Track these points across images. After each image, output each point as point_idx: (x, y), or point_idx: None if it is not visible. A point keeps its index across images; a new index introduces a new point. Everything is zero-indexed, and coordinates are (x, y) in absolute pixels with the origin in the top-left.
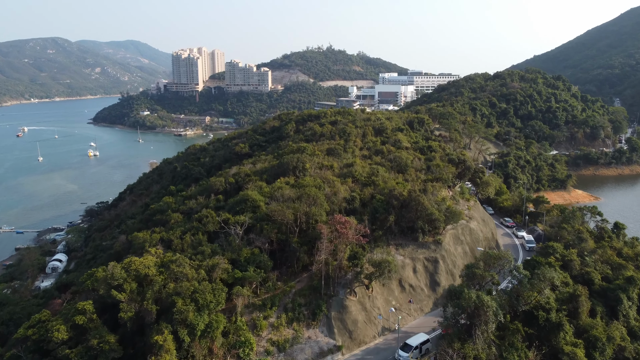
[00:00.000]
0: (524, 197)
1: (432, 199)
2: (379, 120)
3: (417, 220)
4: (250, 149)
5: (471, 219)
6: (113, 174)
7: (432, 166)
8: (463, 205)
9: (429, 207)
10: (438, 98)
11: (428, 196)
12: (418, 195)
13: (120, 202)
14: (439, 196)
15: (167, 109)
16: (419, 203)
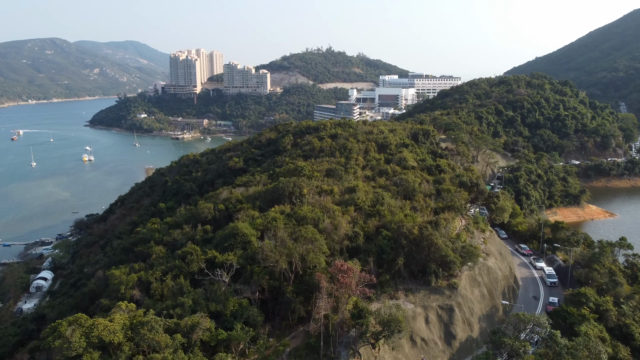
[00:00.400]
0: (542, 223)
1: (446, 234)
2: (382, 134)
3: (429, 263)
4: (245, 163)
5: (488, 255)
6: (107, 181)
7: (442, 190)
8: (478, 238)
9: (443, 247)
10: (442, 105)
11: (440, 231)
12: (430, 233)
13: (111, 215)
14: (452, 229)
15: (164, 112)
16: (431, 243)
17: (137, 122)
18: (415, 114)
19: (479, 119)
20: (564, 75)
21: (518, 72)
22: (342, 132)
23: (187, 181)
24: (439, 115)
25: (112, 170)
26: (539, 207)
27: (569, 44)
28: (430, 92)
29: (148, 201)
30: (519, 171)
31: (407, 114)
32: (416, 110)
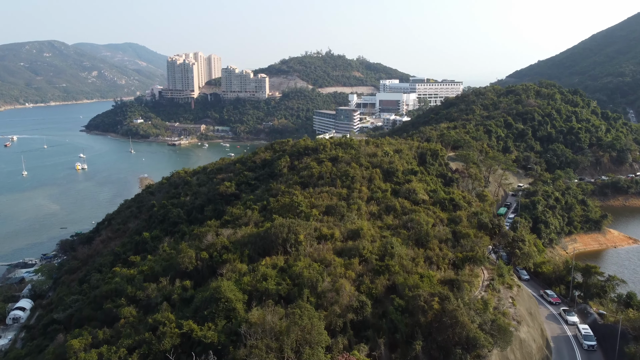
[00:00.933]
0: (572, 267)
1: (470, 302)
2: (387, 156)
3: (454, 347)
4: (238, 187)
5: (520, 323)
6: (99, 192)
7: (459, 235)
8: (506, 298)
9: (470, 325)
10: (447, 115)
11: (463, 297)
12: (454, 308)
13: (96, 236)
14: (476, 287)
15: (161, 117)
16: (456, 322)
17: (133, 128)
18: (420, 126)
19: (487, 133)
20: (567, 79)
21: (521, 76)
22: (343, 154)
23: (175, 206)
24: (446, 131)
25: (106, 180)
26: (557, 234)
27: (572, 47)
28: (431, 97)
29: (134, 224)
30: (536, 196)
31: (410, 124)
32: (420, 120)
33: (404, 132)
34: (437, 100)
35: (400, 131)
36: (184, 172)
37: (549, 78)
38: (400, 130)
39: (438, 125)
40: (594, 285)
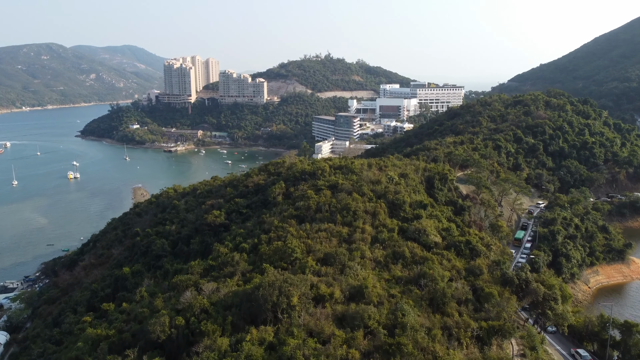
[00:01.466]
0: (609, 324)
1: None
2: (391, 182)
3: None
4: (228, 216)
5: None
6: (91, 204)
7: (479, 290)
8: None
9: None
10: (452, 128)
11: None
12: None
13: (80, 260)
14: None
15: (158, 122)
16: None
17: (129, 134)
18: (424, 137)
19: (497, 149)
20: (571, 84)
21: (523, 80)
22: (343, 180)
23: (160, 235)
24: (452, 148)
25: (98, 190)
26: (579, 266)
27: (575, 50)
28: (433, 103)
29: (118, 252)
30: (555, 224)
31: (412, 135)
32: (423, 131)
33: (407, 144)
34: (438, 105)
35: (402, 142)
36: (174, 191)
37: (552, 82)
38: (402, 141)
39: (443, 139)
40: (636, 345)
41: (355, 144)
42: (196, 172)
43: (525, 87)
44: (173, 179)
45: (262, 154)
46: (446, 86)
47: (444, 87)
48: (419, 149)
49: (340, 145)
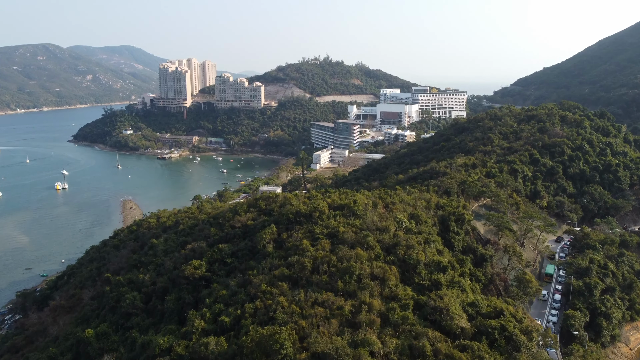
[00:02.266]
0: None
1: None
2: (401, 226)
3: None
4: (210, 266)
5: None
6: (77, 220)
7: None
8: None
9: None
10: (461, 145)
11: None
12: None
13: (52, 297)
14: None
15: (152, 127)
16: None
17: (122, 140)
18: (430, 154)
19: (512, 173)
20: (577, 89)
21: (526, 84)
22: (344, 228)
23: (133, 286)
24: (464, 173)
25: (86, 203)
26: (619, 326)
27: (579, 53)
28: (435, 108)
29: (88, 296)
30: (590, 275)
31: (417, 150)
32: (428, 145)
33: (411, 161)
34: (440, 111)
35: (406, 157)
36: (156, 219)
37: (556, 87)
38: (406, 156)
39: (453, 160)
40: None
41: (355, 153)
42: (190, 183)
43: (529, 92)
44: (165, 190)
45: (258, 161)
46: (448, 91)
47: (446, 92)
48: (427, 173)
49: (339, 155)
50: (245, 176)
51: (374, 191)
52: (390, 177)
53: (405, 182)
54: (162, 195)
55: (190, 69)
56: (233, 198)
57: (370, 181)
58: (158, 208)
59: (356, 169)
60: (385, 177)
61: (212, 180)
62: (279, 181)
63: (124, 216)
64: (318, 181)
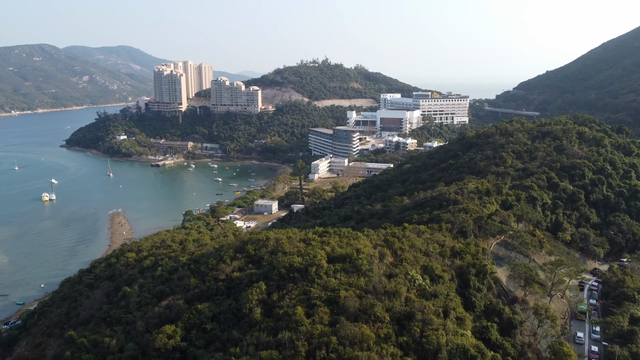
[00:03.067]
0: None
1: None
2: (413, 285)
3: None
4: (186, 334)
5: None
6: (62, 236)
7: None
8: None
9: None
10: (470, 164)
11: None
12: None
13: (17, 342)
14: None
15: (147, 132)
16: None
17: (115, 145)
18: (437, 173)
19: (531, 201)
20: (582, 94)
21: (529, 88)
22: (346, 292)
23: (96, 352)
24: (478, 203)
25: (73, 216)
26: None
27: (582, 56)
28: (437, 114)
29: (52, 352)
30: (636, 342)
31: (422, 166)
32: (434, 162)
33: (416, 180)
34: (442, 117)
35: (410, 173)
36: (135, 256)
37: (561, 92)
38: (410, 173)
39: (464, 184)
40: None
41: (355, 163)
42: (183, 193)
43: (533, 96)
44: (156, 202)
45: (255, 168)
46: (450, 96)
47: (448, 98)
48: (436, 200)
49: (338, 164)
50: (241, 185)
51: (379, 232)
52: (395, 199)
53: (412, 208)
54: (153, 208)
55: (187, 71)
56: (227, 213)
57: (372, 200)
58: (148, 223)
59: (356, 182)
60: (389, 197)
61: (206, 191)
62: (275, 194)
63: (111, 232)
64: (316, 194)
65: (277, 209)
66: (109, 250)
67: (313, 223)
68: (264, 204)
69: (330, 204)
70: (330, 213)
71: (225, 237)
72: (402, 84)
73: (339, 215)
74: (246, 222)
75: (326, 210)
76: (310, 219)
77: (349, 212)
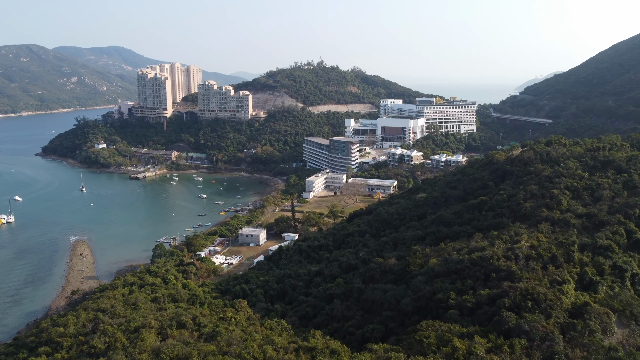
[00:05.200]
0: None
1: None
2: None
3: None
4: None
5: None
6: (10, 273)
7: None
8: None
9: None
10: (511, 205)
11: None
12: None
13: None
14: None
15: (129, 139)
16: None
17: (93, 155)
18: (466, 214)
19: (618, 274)
20: (599, 100)
21: (538, 93)
22: None
23: None
24: (541, 276)
25: (28, 245)
26: None
27: (591, 59)
28: (442, 122)
29: None
30: None
31: (441, 198)
32: (459, 193)
33: (438, 220)
34: (448, 125)
35: (426, 206)
36: (59, 339)
37: (575, 98)
38: (426, 206)
39: (513, 242)
40: None
41: (355, 179)
42: (161, 213)
43: (542, 102)
44: (128, 225)
45: (244, 182)
46: (456, 103)
47: (454, 104)
48: (477, 264)
49: (336, 180)
50: (227, 203)
51: (392, 355)
52: (415, 253)
53: (443, 275)
54: (124, 234)
55: (174, 74)
56: (206, 245)
57: (381, 243)
58: (115, 254)
59: (358, 211)
60: (403, 240)
61: (188, 211)
62: (263, 219)
63: (70, 267)
64: (311, 221)
65: (265, 239)
66: (62, 294)
67: (307, 271)
68: (249, 234)
69: (329, 240)
70: (328, 256)
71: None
72: (402, 87)
73: (339, 262)
74: (228, 256)
75: (323, 251)
76: (303, 259)
77: (353, 259)
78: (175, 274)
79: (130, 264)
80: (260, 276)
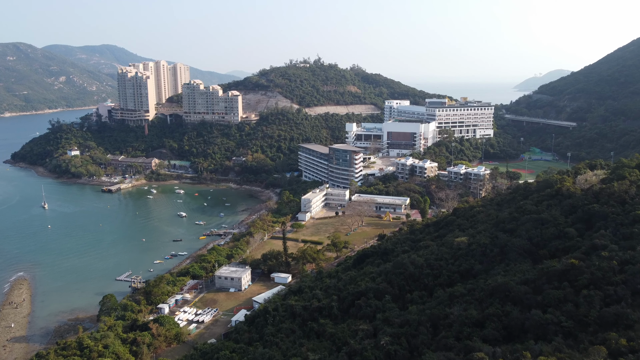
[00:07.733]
0: None
1: None
2: None
3: None
4: None
5: None
6: None
7: None
8: None
9: None
10: (630, 283)
11: None
12: None
13: None
14: None
15: (106, 145)
16: None
17: (63, 163)
18: (557, 298)
19: None
20: (628, 101)
21: (555, 92)
22: None
23: None
24: None
25: None
26: None
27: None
28: (456, 126)
29: None
30: None
31: (497, 249)
32: (523, 246)
33: (502, 293)
34: (463, 130)
35: (473, 261)
36: None
37: (599, 98)
38: (472, 258)
39: None
40: None
41: (359, 195)
42: (129, 239)
43: (563, 103)
44: (87, 256)
45: (232, 194)
46: (470, 104)
47: (468, 106)
48: None
49: (337, 197)
50: (209, 224)
51: None
52: (474, 353)
53: None
54: (78, 268)
55: (159, 73)
56: (172, 293)
57: (407, 313)
58: (59, 302)
59: (369, 250)
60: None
61: (162, 234)
62: (248, 252)
63: (1, 317)
64: (307, 257)
65: (249, 282)
66: None
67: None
68: (229, 276)
69: (332, 299)
70: (333, 331)
71: None
72: (406, 87)
73: (349, 348)
74: (200, 310)
75: (325, 318)
76: (297, 328)
77: (370, 348)
78: (118, 350)
79: (76, 316)
80: (235, 357)
